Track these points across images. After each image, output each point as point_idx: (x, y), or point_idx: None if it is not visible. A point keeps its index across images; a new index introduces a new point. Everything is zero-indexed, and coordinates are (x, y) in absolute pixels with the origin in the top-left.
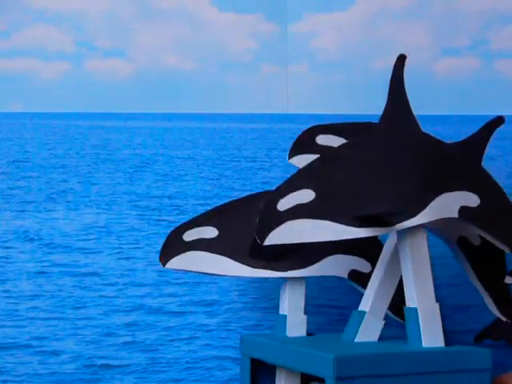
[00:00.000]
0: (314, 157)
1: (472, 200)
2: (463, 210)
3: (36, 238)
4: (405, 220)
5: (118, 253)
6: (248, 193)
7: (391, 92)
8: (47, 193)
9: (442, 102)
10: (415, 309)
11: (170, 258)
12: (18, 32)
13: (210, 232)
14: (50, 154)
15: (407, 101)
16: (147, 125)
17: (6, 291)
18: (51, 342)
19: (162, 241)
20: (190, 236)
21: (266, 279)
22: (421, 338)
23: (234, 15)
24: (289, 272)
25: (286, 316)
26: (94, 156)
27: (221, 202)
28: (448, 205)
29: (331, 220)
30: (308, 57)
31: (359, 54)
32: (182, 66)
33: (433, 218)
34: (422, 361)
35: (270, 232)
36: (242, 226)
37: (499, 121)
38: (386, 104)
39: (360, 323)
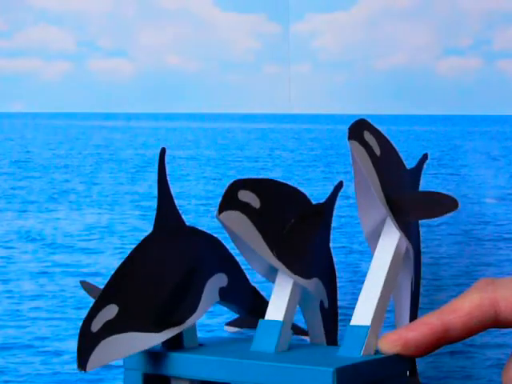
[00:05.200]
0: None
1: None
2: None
3: (38, 238)
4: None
5: (121, 253)
6: None
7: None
8: (49, 193)
9: (443, 102)
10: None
11: (87, 360)
12: (19, 32)
13: (110, 311)
14: (52, 154)
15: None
16: (149, 125)
17: (8, 291)
18: (53, 343)
19: None
20: (97, 324)
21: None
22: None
23: (237, 15)
24: (186, 322)
25: None
26: (97, 156)
27: None
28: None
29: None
30: (310, 57)
31: (362, 54)
32: (185, 65)
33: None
34: None
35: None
36: (140, 293)
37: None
38: None
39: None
